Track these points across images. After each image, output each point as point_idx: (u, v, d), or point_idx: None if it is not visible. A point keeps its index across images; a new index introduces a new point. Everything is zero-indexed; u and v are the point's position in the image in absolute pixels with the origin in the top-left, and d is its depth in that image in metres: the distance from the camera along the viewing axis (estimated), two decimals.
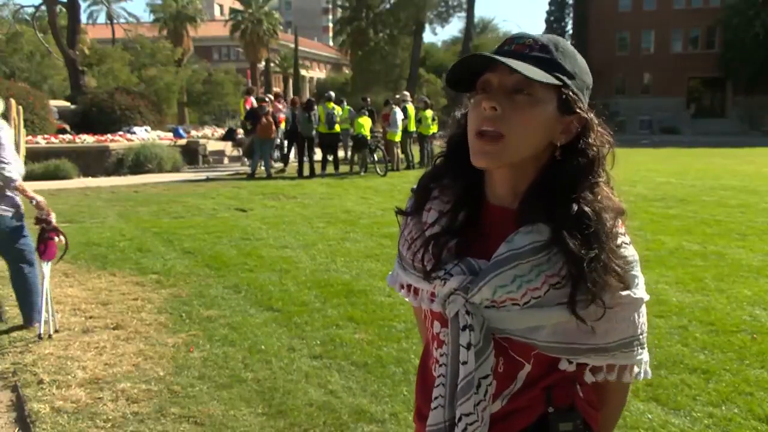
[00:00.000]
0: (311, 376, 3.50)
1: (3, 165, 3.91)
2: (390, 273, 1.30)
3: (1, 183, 3.96)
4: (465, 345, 1.04)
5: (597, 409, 1.17)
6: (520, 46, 1.05)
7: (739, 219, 8.45)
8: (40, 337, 4.05)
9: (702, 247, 6.73)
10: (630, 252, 1.07)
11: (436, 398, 1.10)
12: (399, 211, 1.22)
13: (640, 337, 1.10)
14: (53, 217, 4.29)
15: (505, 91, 1.03)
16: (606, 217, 1.03)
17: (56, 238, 4.29)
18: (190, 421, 3.00)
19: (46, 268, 4.23)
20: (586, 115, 1.06)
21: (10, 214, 4.08)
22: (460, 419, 1.06)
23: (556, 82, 1.02)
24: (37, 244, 4.23)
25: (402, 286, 1.23)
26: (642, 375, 1.14)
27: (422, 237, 1.13)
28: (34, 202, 4.14)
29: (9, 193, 4.06)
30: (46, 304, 4.08)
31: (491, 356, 1.06)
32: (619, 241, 1.05)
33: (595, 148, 1.06)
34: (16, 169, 4.00)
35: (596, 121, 1.08)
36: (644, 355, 1.13)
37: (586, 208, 1.02)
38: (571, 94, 1.04)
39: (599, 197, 1.05)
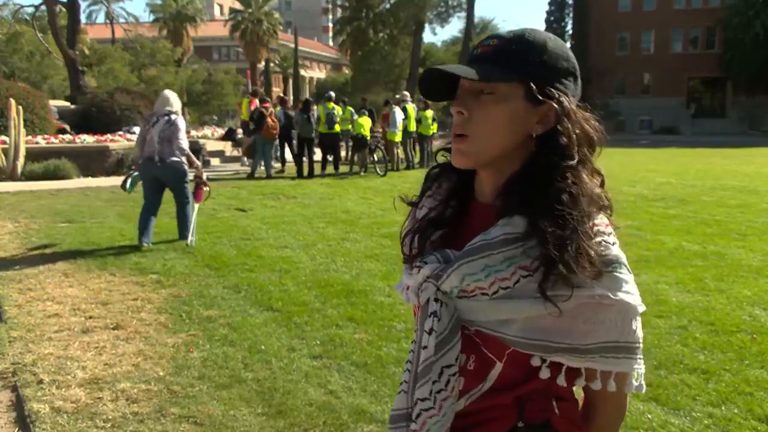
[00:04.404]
0: (311, 376, 3.50)
1: (182, 140, 6.63)
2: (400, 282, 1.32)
3: (179, 150, 6.61)
4: (427, 330, 1.06)
5: (579, 428, 1.12)
6: (485, 48, 1.08)
7: (739, 219, 8.45)
8: (188, 245, 6.64)
9: (702, 247, 6.73)
10: (612, 250, 1.03)
11: (401, 383, 1.14)
12: (407, 201, 1.27)
13: (627, 345, 1.04)
14: (204, 176, 7.16)
15: (473, 94, 1.07)
16: (581, 200, 1.02)
17: (205, 188, 7.07)
18: (189, 421, 3.00)
19: (196, 205, 7.06)
20: (554, 102, 1.04)
21: (185, 167, 6.75)
22: (416, 403, 1.07)
23: (505, 78, 1.04)
24: (194, 191, 6.99)
25: (404, 289, 1.24)
26: (634, 387, 1.08)
27: (412, 230, 1.19)
28: (195, 165, 6.94)
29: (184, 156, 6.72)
30: (193, 227, 6.85)
31: (457, 346, 1.06)
32: (595, 232, 1.02)
33: (567, 132, 1.04)
34: (186, 143, 6.74)
35: (571, 106, 1.06)
36: (636, 366, 1.06)
37: (562, 194, 1.02)
38: (532, 84, 1.03)
39: (575, 181, 1.03)
